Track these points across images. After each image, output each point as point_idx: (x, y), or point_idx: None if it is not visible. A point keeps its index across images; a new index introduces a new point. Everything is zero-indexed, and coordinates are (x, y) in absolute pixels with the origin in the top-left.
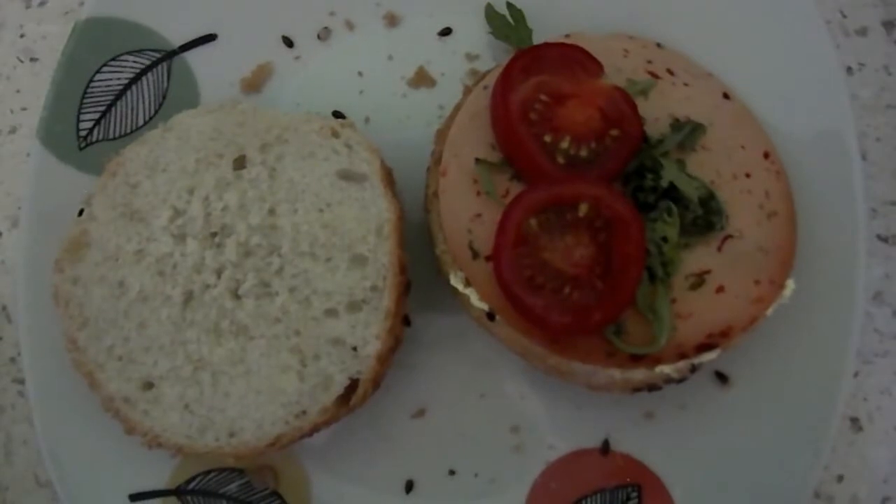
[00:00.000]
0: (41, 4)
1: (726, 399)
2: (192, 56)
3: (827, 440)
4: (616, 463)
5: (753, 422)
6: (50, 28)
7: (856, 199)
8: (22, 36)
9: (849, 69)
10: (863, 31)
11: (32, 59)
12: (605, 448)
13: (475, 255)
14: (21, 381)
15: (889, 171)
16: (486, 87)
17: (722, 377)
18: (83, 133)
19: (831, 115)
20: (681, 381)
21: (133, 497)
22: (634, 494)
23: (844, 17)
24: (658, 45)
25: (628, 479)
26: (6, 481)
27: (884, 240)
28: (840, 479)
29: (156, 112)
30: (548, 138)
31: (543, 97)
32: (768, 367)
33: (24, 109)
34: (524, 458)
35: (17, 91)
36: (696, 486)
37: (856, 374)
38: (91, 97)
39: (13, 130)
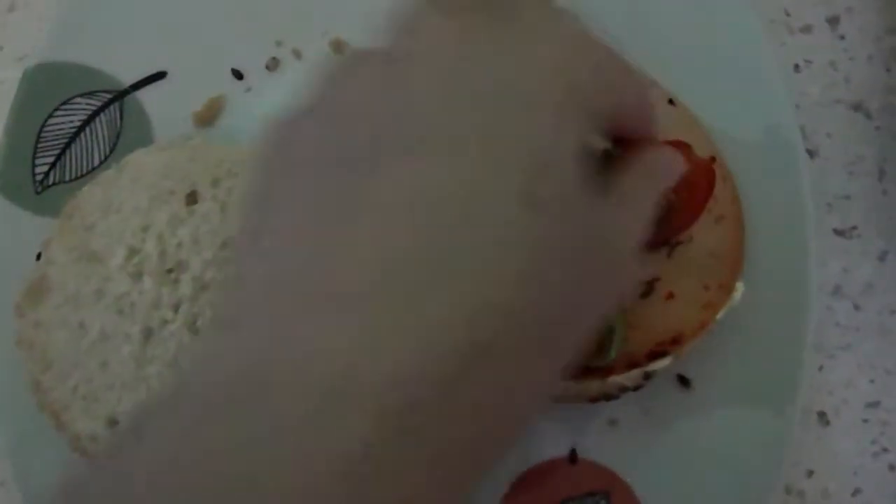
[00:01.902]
0: None
1: (689, 402)
2: (143, 94)
3: (792, 435)
4: (585, 471)
5: (718, 422)
6: (5, 74)
7: (803, 197)
8: None
9: (796, 67)
10: (807, 29)
11: None
12: (573, 457)
13: None
14: None
15: (840, 166)
16: None
17: (683, 380)
18: (39, 177)
19: (774, 114)
20: (636, 389)
21: None
22: (603, 502)
23: (788, 15)
24: None
25: (597, 487)
26: None
27: (840, 234)
28: (810, 473)
29: (111, 152)
30: None
31: None
32: (729, 368)
33: None
34: (494, 472)
35: None
36: (665, 488)
37: (820, 369)
38: (45, 141)
39: None
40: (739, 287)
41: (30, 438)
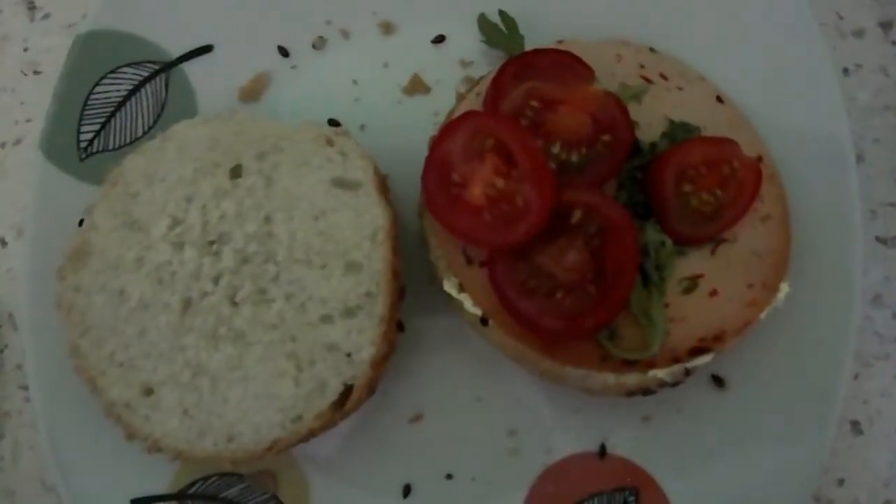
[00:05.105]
0: (45, 17)
1: (723, 402)
2: (189, 67)
3: (826, 443)
4: (613, 466)
5: (751, 425)
6: (54, 41)
7: (852, 201)
8: (26, 49)
9: (846, 70)
10: (860, 33)
11: (36, 72)
12: (603, 451)
13: (469, 260)
14: (28, 388)
15: (887, 173)
16: (478, 94)
17: (718, 381)
18: (84, 144)
19: (826, 117)
20: (675, 385)
21: (135, 501)
22: (632, 498)
23: (841, 18)
24: (651, 49)
25: (625, 483)
26: (13, 485)
27: (883, 241)
28: (840, 482)
29: (155, 122)
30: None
31: (534, 103)
32: (765, 371)
33: (28, 121)
34: (521, 462)
35: (22, 103)
36: (693, 489)
37: (856, 377)
38: (91, 109)
39: (18, 142)
40: (784, 287)
41: (63, 405)
